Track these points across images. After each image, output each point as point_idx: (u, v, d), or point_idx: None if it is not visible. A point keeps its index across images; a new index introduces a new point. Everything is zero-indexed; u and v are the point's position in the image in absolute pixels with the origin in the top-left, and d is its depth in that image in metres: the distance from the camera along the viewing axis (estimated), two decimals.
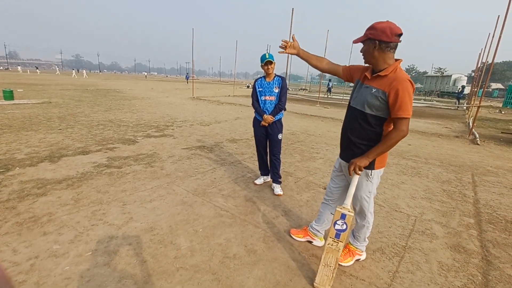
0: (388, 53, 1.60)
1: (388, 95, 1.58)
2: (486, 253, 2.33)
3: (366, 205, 1.90)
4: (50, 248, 2.05)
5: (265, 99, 3.18)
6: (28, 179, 3.26)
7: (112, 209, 2.68)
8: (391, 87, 1.56)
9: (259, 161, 3.55)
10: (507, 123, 12.01)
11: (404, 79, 1.56)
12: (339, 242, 1.71)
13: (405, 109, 1.55)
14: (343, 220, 1.68)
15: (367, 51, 1.65)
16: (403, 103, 1.54)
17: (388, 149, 1.65)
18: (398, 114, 1.57)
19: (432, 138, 7.56)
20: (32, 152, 4.26)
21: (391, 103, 1.58)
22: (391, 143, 1.61)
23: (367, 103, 1.68)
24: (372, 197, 1.90)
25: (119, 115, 8.29)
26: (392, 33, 1.54)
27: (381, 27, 1.55)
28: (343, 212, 1.69)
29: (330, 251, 1.74)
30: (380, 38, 1.55)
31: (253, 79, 3.38)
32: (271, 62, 3.04)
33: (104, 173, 3.57)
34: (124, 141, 5.25)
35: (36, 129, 5.75)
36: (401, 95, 1.54)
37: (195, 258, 2.03)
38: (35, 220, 2.41)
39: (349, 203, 1.74)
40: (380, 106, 1.64)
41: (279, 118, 3.29)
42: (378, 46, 1.57)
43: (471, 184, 4.00)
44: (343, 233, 1.70)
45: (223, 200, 3.04)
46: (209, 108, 11.25)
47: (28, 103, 9.54)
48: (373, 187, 1.85)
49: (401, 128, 1.58)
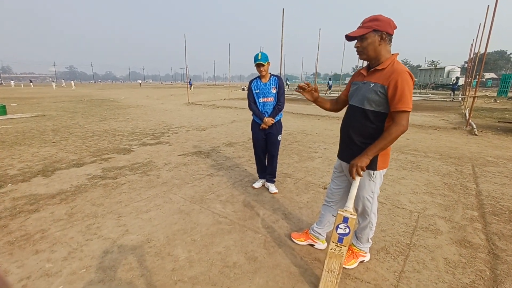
0: (388, 46, 1.58)
1: (387, 88, 1.52)
2: (492, 247, 2.28)
3: (369, 205, 1.84)
4: (43, 267, 1.97)
5: (263, 101, 3.10)
6: (20, 195, 3.18)
7: (107, 222, 2.61)
8: (389, 80, 1.51)
9: (257, 165, 3.48)
10: (502, 112, 12.04)
11: (403, 70, 1.50)
12: (342, 247, 1.64)
13: (405, 102, 1.49)
14: (345, 224, 1.60)
15: (370, 44, 1.55)
16: (402, 95, 1.48)
17: (388, 145, 1.55)
18: (398, 107, 1.51)
19: (430, 131, 7.53)
20: (25, 167, 4.18)
21: (390, 96, 1.52)
22: (390, 139, 1.53)
23: (366, 99, 1.62)
24: (375, 197, 1.83)
25: (114, 124, 8.21)
26: (393, 26, 1.55)
27: (386, 19, 1.53)
28: (345, 215, 1.61)
29: (333, 256, 1.66)
30: (387, 30, 1.52)
31: (248, 81, 3.31)
32: (262, 64, 2.95)
33: (99, 185, 3.49)
34: (119, 150, 5.17)
35: (29, 143, 5.66)
36: (400, 87, 1.48)
37: (193, 269, 1.96)
38: (27, 238, 2.33)
39: (351, 206, 1.66)
40: (380, 101, 1.58)
41: (278, 119, 3.23)
42: (385, 37, 1.54)
43: (472, 176, 3.96)
44: (346, 237, 1.62)
45: (221, 206, 2.97)
46: (205, 113, 11.19)
47: (22, 117, 9.44)
48: (376, 187, 1.79)
49: (401, 123, 1.51)
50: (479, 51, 12.18)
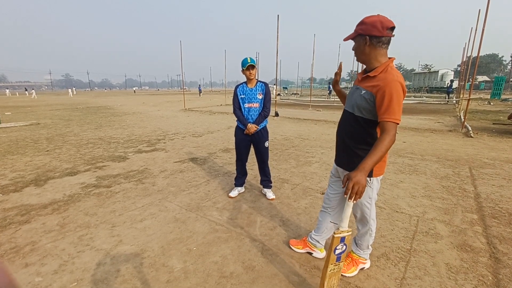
0: (380, 49, 1.50)
1: (375, 97, 1.47)
2: (493, 250, 2.24)
3: (367, 211, 1.79)
4: (32, 281, 1.89)
5: (249, 107, 3.06)
6: (11, 206, 3.10)
7: (100, 232, 2.53)
8: (378, 88, 1.45)
9: (237, 172, 3.39)
10: (496, 114, 12.16)
11: (393, 80, 1.43)
12: (340, 263, 1.58)
13: (391, 113, 1.41)
14: (342, 243, 1.52)
15: (358, 48, 1.55)
16: (389, 106, 1.41)
17: (381, 155, 1.41)
18: (384, 118, 1.43)
19: (426, 133, 7.56)
20: (17, 176, 4.09)
21: (377, 106, 1.47)
22: (382, 150, 1.39)
23: (356, 105, 1.60)
24: (373, 203, 1.79)
25: (109, 132, 8.13)
26: (383, 26, 1.44)
27: (371, 21, 1.46)
28: (342, 236, 1.50)
29: (332, 275, 1.59)
30: (371, 33, 1.46)
31: (234, 87, 3.28)
32: (253, 66, 2.92)
33: (93, 194, 3.41)
34: (114, 158, 5.10)
35: (22, 152, 5.56)
36: (388, 97, 1.41)
37: (189, 281, 1.90)
38: (17, 251, 2.25)
39: (346, 226, 1.51)
40: (369, 109, 1.53)
41: (264, 126, 3.18)
42: (369, 41, 1.48)
43: (470, 178, 3.95)
44: (343, 254, 1.56)
45: (218, 213, 2.91)
46: (201, 119, 11.15)
47: (16, 126, 9.32)
48: (374, 193, 1.75)
49: (387, 134, 1.40)
50: (471, 54, 12.36)
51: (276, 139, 6.80)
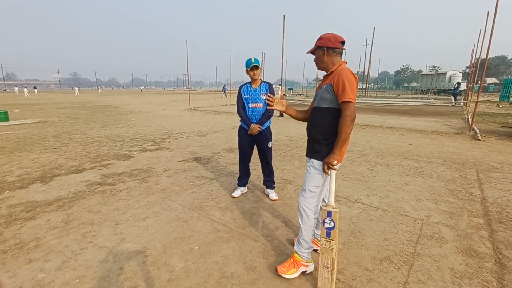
0: (335, 57, 1.86)
1: (333, 85, 1.77)
2: (499, 256, 2.20)
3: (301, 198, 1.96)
4: (35, 277, 1.92)
5: (252, 107, 3.07)
6: (17, 202, 3.14)
7: (104, 230, 2.56)
8: (334, 78, 1.77)
9: (241, 172, 3.40)
10: (505, 116, 11.94)
11: (344, 69, 1.76)
12: (331, 241, 1.74)
13: (346, 93, 1.69)
14: (330, 218, 1.74)
15: (318, 58, 1.91)
16: (344, 88, 1.70)
17: (345, 136, 1.72)
18: (341, 99, 1.72)
19: (433, 136, 7.46)
20: (24, 173, 4.15)
21: (336, 92, 1.76)
22: (344, 131, 1.70)
23: (321, 98, 1.87)
24: (314, 189, 1.92)
25: (115, 130, 8.21)
26: (336, 40, 1.82)
27: (326, 36, 1.85)
28: (328, 210, 1.74)
29: (325, 251, 1.76)
30: (327, 45, 1.83)
31: (238, 87, 3.29)
32: (257, 67, 2.93)
33: (97, 192, 3.45)
34: (119, 156, 5.14)
35: (29, 149, 5.65)
36: (341, 82, 1.71)
37: (190, 280, 1.90)
38: (21, 247, 2.28)
39: (332, 200, 1.78)
40: (332, 98, 1.80)
41: (267, 126, 3.18)
42: (326, 52, 1.84)
43: (477, 182, 3.88)
44: (332, 231, 1.74)
45: (220, 213, 2.91)
46: (206, 119, 11.19)
47: (24, 123, 9.48)
48: (314, 178, 1.90)
49: (345, 113, 1.69)
50: (480, 56, 12.17)
51: (281, 139, 6.79)
